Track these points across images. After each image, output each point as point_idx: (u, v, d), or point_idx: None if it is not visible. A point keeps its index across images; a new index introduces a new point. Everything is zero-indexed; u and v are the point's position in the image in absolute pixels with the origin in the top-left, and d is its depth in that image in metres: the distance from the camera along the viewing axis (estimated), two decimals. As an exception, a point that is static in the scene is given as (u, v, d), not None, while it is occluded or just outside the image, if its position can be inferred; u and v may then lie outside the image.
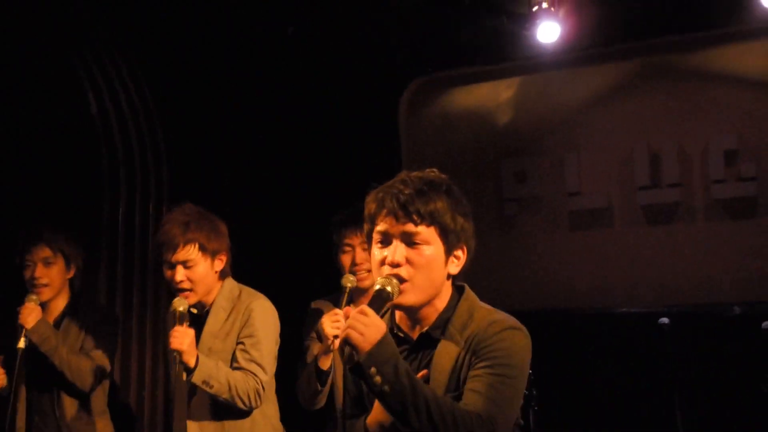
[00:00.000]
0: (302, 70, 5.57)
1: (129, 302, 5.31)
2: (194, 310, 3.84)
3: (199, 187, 5.34)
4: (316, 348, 3.95)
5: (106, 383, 4.40)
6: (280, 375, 3.97)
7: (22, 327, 4.03)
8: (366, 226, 2.52)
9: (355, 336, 2.20)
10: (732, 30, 5.06)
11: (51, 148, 5.22)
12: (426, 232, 2.39)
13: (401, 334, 2.48)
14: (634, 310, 5.16)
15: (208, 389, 3.60)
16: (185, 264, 3.76)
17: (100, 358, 4.23)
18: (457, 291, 2.52)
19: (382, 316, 2.36)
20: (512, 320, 2.44)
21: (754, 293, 4.81)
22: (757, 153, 4.98)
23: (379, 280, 2.38)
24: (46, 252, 4.31)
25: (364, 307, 2.26)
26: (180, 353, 3.57)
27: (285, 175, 5.61)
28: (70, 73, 5.24)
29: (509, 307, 2.54)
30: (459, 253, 2.46)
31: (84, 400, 4.28)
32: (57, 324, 4.31)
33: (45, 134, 5.21)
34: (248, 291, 3.96)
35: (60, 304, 4.39)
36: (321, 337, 3.92)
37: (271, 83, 5.59)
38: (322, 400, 3.98)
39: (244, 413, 3.82)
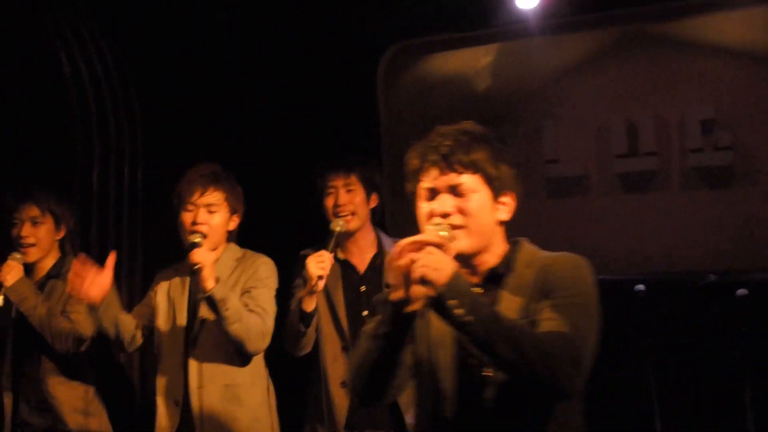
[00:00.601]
0: (278, 37, 5.52)
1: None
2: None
3: (175, 150, 5.31)
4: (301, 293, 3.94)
5: (91, 348, 4.34)
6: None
7: (0, 284, 4.01)
8: (408, 186, 2.54)
9: (429, 272, 2.17)
10: (711, -1, 5.06)
11: (22, 110, 5.16)
12: (471, 181, 2.43)
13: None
14: (610, 277, 5.17)
15: (224, 310, 3.62)
16: (209, 208, 3.87)
17: (82, 321, 4.19)
18: (515, 244, 2.55)
19: None
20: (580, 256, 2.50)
21: (729, 261, 4.83)
22: (734, 122, 4.99)
23: (429, 226, 2.39)
24: (34, 211, 4.27)
25: (429, 246, 2.25)
26: (201, 268, 3.60)
27: (262, 142, 5.57)
28: (43, 33, 5.17)
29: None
30: (506, 199, 2.50)
31: (65, 363, 4.24)
32: (42, 285, 4.27)
33: (16, 96, 5.14)
34: (252, 252, 4.06)
35: (47, 264, 4.35)
36: (305, 281, 3.92)
37: (247, 47, 5.53)
38: (306, 345, 3.97)
39: (244, 362, 3.86)
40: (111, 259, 3.78)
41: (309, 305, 3.82)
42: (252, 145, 5.50)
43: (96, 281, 3.70)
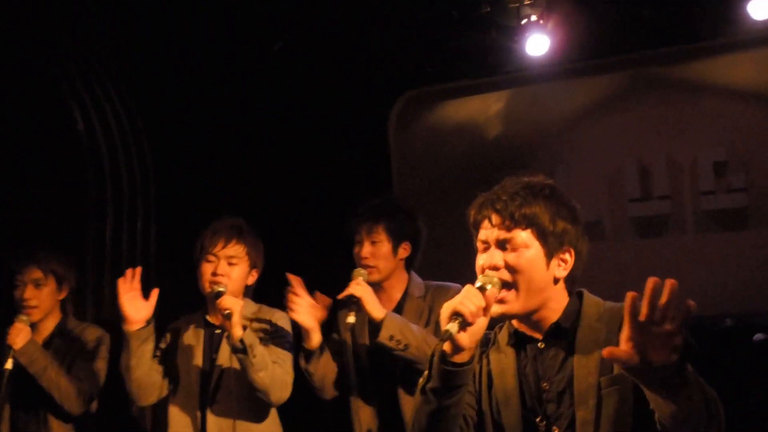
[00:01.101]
0: (292, 84, 5.56)
1: (117, 324, 5.25)
2: (214, 320, 3.89)
3: (188, 205, 5.32)
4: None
5: (94, 407, 4.32)
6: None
7: (9, 348, 3.99)
8: (474, 240, 2.50)
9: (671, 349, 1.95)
10: (720, 42, 5.08)
11: (36, 165, 5.19)
12: (523, 236, 2.37)
13: (527, 334, 2.45)
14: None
15: (251, 357, 3.60)
16: (230, 260, 3.86)
17: (90, 380, 4.17)
18: (577, 296, 2.47)
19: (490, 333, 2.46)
20: None
21: (746, 305, 4.79)
22: (747, 164, 4.99)
23: (480, 278, 2.34)
24: (37, 274, 4.26)
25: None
26: (231, 314, 3.59)
27: (276, 191, 5.59)
28: (56, 89, 5.22)
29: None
30: (565, 256, 2.41)
31: (71, 423, 4.21)
32: (46, 345, 4.25)
33: (30, 151, 5.17)
34: (267, 307, 4.03)
35: (50, 325, 4.33)
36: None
37: (260, 98, 5.57)
38: (322, 387, 3.93)
39: (262, 417, 3.85)
40: (154, 295, 3.81)
41: (309, 342, 3.81)
42: (265, 197, 5.51)
43: (138, 301, 3.75)
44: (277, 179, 5.60)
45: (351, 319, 3.74)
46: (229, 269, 3.85)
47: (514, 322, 2.47)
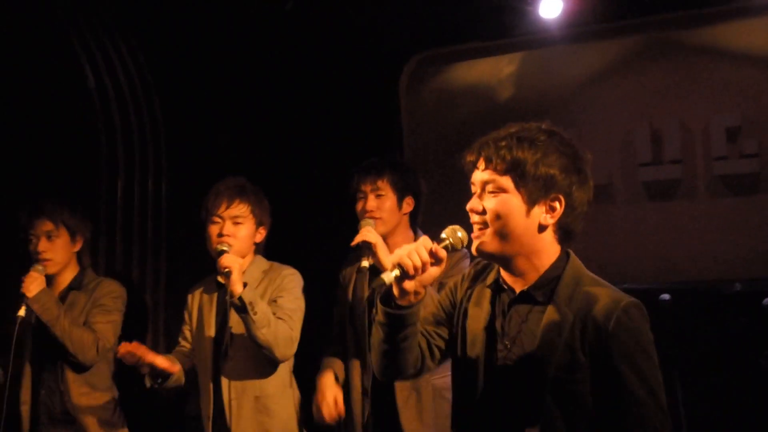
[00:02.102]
0: (302, 45, 5.54)
1: (128, 279, 5.30)
2: (222, 280, 3.90)
3: (198, 162, 5.33)
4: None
5: (111, 359, 4.36)
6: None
7: (23, 296, 4.04)
8: None
9: None
10: (735, 6, 5.02)
11: (48, 123, 5.20)
12: (502, 181, 2.39)
13: (505, 286, 2.49)
14: (635, 287, 5.10)
15: (252, 315, 3.65)
16: (235, 220, 3.93)
17: (104, 331, 4.24)
18: (565, 256, 2.49)
19: (483, 272, 2.56)
20: (627, 296, 2.41)
21: (756, 270, 4.77)
22: (760, 130, 4.95)
23: (446, 230, 2.42)
24: (48, 225, 4.30)
25: None
26: (230, 272, 3.64)
27: (285, 152, 5.59)
28: (67, 46, 5.20)
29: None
30: (554, 204, 2.41)
31: (87, 374, 4.27)
32: (62, 298, 4.31)
33: (42, 109, 5.18)
34: (278, 264, 4.09)
35: (67, 277, 4.39)
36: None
37: (270, 58, 5.55)
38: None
39: (271, 371, 3.91)
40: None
41: None
42: (276, 155, 5.51)
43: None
44: (289, 137, 5.59)
45: (365, 263, 3.75)
46: (235, 229, 3.90)
47: (502, 271, 2.51)
